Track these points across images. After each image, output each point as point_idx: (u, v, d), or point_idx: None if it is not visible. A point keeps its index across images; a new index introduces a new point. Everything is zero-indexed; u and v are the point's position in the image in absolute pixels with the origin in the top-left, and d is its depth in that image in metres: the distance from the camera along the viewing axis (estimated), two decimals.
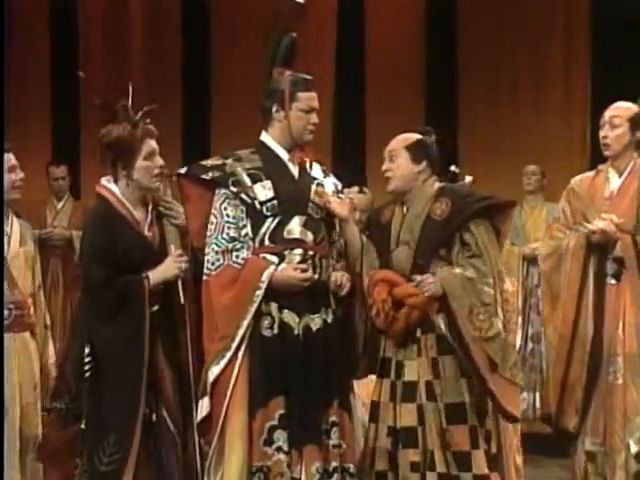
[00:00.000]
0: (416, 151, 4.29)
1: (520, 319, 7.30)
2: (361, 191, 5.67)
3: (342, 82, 9.05)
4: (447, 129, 8.54)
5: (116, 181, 4.15)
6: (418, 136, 4.35)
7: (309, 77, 4.21)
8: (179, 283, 4.12)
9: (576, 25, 8.80)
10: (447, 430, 4.14)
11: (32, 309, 4.59)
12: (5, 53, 8.44)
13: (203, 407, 4.08)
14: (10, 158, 4.57)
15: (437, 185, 4.33)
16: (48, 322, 4.75)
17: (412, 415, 4.16)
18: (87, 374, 4.00)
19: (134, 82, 4.24)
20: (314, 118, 4.18)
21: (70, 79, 9.33)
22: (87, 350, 4.00)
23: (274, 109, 4.18)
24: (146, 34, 9.64)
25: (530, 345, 6.26)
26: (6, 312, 4.49)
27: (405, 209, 4.33)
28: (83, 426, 4.00)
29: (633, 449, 4.58)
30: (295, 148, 4.22)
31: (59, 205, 8.21)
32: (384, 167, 4.33)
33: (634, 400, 4.59)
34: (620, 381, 4.61)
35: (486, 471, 4.17)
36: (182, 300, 4.11)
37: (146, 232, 4.17)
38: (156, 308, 4.10)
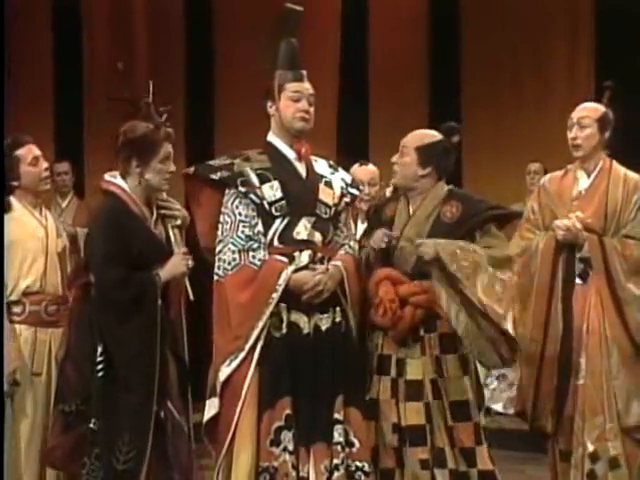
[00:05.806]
0: (424, 155, 4.30)
1: None
2: (361, 165, 5.64)
3: (347, 80, 9.06)
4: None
5: (124, 177, 4.13)
6: (434, 138, 4.34)
7: (300, 71, 4.21)
8: (186, 280, 4.13)
9: (579, 22, 8.80)
10: (453, 427, 4.17)
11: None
12: (6, 51, 8.43)
13: (211, 407, 4.07)
14: (32, 149, 4.54)
15: (446, 187, 4.35)
16: None
17: (419, 413, 4.19)
18: (99, 374, 3.97)
19: (137, 81, 4.23)
20: (304, 105, 4.16)
21: (73, 78, 9.35)
22: (100, 350, 3.98)
23: (268, 105, 4.21)
24: (149, 33, 9.64)
25: None
26: (55, 307, 4.51)
27: (411, 207, 4.35)
28: (92, 426, 3.98)
29: (590, 448, 4.57)
30: (294, 141, 4.21)
31: (63, 203, 8.21)
32: (393, 159, 4.38)
33: (593, 401, 4.58)
34: (581, 382, 4.61)
35: (491, 466, 4.22)
36: (191, 296, 4.11)
37: (154, 229, 4.16)
38: (159, 303, 4.08)
